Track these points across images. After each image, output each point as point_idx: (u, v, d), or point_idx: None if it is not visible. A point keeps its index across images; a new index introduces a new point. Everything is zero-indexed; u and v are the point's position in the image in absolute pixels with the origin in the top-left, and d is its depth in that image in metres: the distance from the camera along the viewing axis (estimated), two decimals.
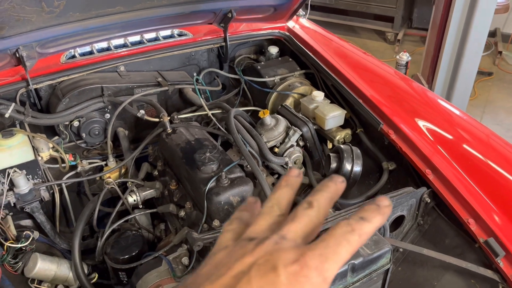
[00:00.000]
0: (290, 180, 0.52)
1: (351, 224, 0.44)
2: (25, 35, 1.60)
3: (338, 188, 0.49)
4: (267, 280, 0.40)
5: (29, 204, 1.61)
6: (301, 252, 0.42)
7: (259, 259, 0.42)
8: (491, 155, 1.56)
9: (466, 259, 1.31)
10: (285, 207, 0.50)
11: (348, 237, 0.43)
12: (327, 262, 0.42)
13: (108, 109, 1.93)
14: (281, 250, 0.42)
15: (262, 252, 0.42)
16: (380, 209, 0.46)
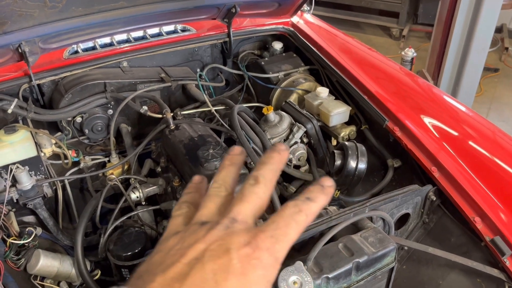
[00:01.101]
0: (233, 158, 0.53)
1: (298, 205, 0.46)
2: (28, 30, 1.59)
3: (282, 157, 0.50)
4: (220, 264, 0.41)
5: (31, 200, 1.61)
6: (253, 234, 0.44)
7: (212, 245, 0.43)
8: (497, 152, 1.54)
9: (472, 258, 1.29)
10: (231, 186, 0.51)
11: (296, 217, 0.45)
12: (278, 243, 0.44)
13: (111, 105, 1.92)
14: (232, 234, 0.43)
15: (214, 237, 0.43)
16: (324, 189, 0.48)
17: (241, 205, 0.47)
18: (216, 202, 0.49)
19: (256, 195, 0.47)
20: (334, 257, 1.10)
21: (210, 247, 0.43)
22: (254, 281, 0.42)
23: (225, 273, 0.41)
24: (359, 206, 1.28)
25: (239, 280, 0.41)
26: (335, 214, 1.25)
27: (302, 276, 1.02)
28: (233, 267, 0.41)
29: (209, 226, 0.45)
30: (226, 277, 0.41)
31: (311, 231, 1.19)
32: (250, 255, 0.42)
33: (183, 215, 0.50)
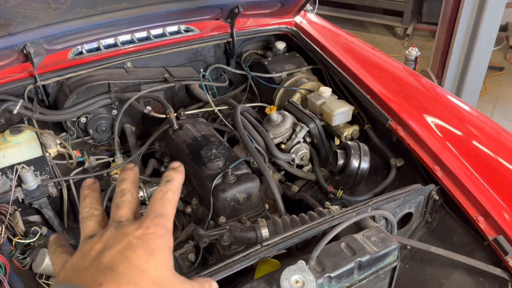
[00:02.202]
0: (90, 187, 0.61)
1: (163, 189, 0.57)
2: (32, 31, 1.60)
3: (134, 171, 0.61)
4: (123, 245, 0.49)
5: (37, 200, 1.62)
6: (139, 222, 0.53)
7: (109, 240, 0.50)
8: (502, 151, 1.54)
9: (475, 257, 1.29)
10: (100, 206, 0.60)
11: (166, 196, 0.56)
12: (163, 218, 0.53)
13: (115, 106, 1.94)
14: (123, 228, 0.52)
15: (108, 236, 0.51)
16: (177, 170, 0.60)
17: (119, 211, 0.55)
18: (94, 220, 0.57)
19: (127, 201, 0.57)
20: (336, 256, 1.10)
21: (109, 241, 0.50)
22: (156, 248, 0.50)
23: (130, 249, 0.49)
24: (362, 206, 1.28)
25: (144, 250, 0.49)
26: (338, 213, 1.26)
27: (304, 275, 1.03)
28: (135, 243, 0.49)
29: (100, 234, 0.52)
30: (133, 251, 0.49)
31: (313, 230, 1.20)
32: (145, 232, 0.51)
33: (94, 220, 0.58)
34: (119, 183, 0.60)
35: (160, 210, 0.54)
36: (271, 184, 1.51)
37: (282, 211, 1.47)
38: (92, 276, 0.47)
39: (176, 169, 0.60)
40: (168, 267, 0.51)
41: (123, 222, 0.53)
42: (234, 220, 1.42)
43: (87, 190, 0.61)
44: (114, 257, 0.48)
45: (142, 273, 0.48)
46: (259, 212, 1.49)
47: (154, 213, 0.54)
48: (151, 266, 0.49)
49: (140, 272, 0.48)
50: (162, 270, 0.50)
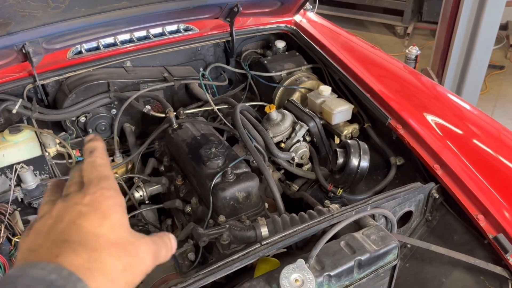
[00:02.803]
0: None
1: (90, 159, 0.56)
2: (31, 31, 1.60)
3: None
4: (74, 214, 0.49)
5: (36, 199, 1.62)
6: (84, 190, 0.52)
7: (58, 214, 0.50)
8: (502, 150, 1.54)
9: (475, 256, 1.28)
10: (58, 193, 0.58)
11: (98, 163, 0.55)
12: (105, 180, 0.53)
13: (115, 105, 1.93)
14: (70, 199, 0.51)
15: (57, 210, 0.51)
16: (93, 139, 0.59)
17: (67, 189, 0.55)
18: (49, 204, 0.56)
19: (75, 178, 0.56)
20: (336, 255, 1.10)
21: (59, 214, 0.50)
22: (108, 210, 0.50)
23: (81, 216, 0.48)
24: (361, 204, 1.28)
25: (96, 215, 0.49)
26: (337, 212, 1.25)
27: (304, 273, 1.03)
28: (85, 210, 0.49)
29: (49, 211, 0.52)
30: (85, 218, 0.48)
31: (313, 229, 1.19)
32: (92, 197, 0.50)
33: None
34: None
35: (99, 174, 0.54)
36: (270, 183, 1.51)
37: (281, 210, 1.47)
38: (48, 250, 0.46)
39: (91, 140, 0.59)
40: (123, 225, 0.51)
41: (70, 195, 0.53)
42: (233, 219, 1.42)
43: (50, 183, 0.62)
44: (67, 226, 0.48)
45: (98, 237, 0.47)
46: (259, 211, 1.48)
47: (95, 179, 0.53)
48: (106, 229, 0.48)
49: (96, 236, 0.47)
50: (118, 231, 0.49)
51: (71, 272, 0.43)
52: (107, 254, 0.47)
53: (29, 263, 0.44)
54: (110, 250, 0.47)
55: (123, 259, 0.48)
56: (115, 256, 0.47)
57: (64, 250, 0.45)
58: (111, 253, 0.47)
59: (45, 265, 0.43)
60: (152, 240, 0.54)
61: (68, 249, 0.45)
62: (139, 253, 0.51)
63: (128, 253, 0.49)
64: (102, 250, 0.47)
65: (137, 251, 0.50)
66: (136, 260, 0.50)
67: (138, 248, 0.51)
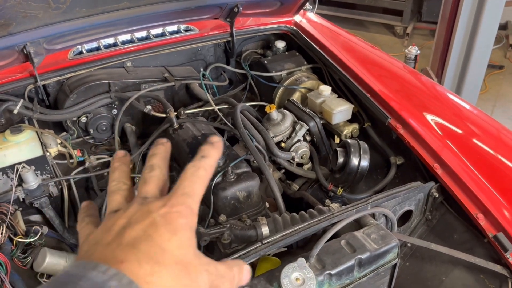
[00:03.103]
0: (121, 160, 0.60)
1: (196, 164, 0.54)
2: (32, 31, 1.60)
3: (166, 147, 0.59)
4: (147, 223, 0.48)
5: (37, 199, 1.62)
6: (166, 199, 0.51)
7: (133, 216, 0.49)
8: (502, 149, 1.54)
9: (475, 254, 1.29)
10: (128, 180, 0.58)
11: (197, 173, 0.53)
12: (189, 197, 0.51)
13: (115, 105, 1.94)
14: (148, 204, 0.50)
15: (132, 212, 0.50)
16: (214, 145, 0.57)
17: (145, 186, 0.54)
18: (121, 194, 0.56)
19: (155, 177, 0.55)
20: (337, 254, 1.11)
21: (133, 217, 0.49)
22: (179, 228, 0.49)
23: (153, 227, 0.47)
24: (362, 203, 1.28)
25: (167, 229, 0.48)
26: (338, 211, 1.26)
27: (305, 272, 1.03)
28: (158, 221, 0.48)
29: (124, 209, 0.51)
30: (156, 229, 0.47)
31: (313, 228, 1.20)
32: (169, 210, 0.49)
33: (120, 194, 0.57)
34: (150, 158, 0.58)
35: (188, 188, 0.52)
36: (271, 182, 1.51)
37: (282, 209, 1.48)
38: (113, 252, 0.46)
39: (214, 145, 0.57)
40: (191, 247, 0.50)
41: (148, 199, 0.52)
42: (234, 218, 1.43)
43: (117, 162, 0.59)
44: (137, 234, 0.47)
45: (164, 251, 0.46)
46: (259, 210, 1.49)
47: (181, 190, 0.52)
48: (173, 245, 0.47)
49: (162, 250, 0.46)
50: (184, 250, 0.48)
51: (131, 280, 0.43)
52: (168, 271, 0.46)
53: (91, 264, 0.43)
54: (172, 268, 0.46)
55: (182, 281, 0.47)
56: (175, 275, 0.46)
57: (129, 257, 0.45)
58: (172, 271, 0.46)
59: (107, 269, 0.43)
60: (217, 268, 0.52)
61: (133, 256, 0.45)
62: (199, 279, 0.49)
63: (189, 276, 0.47)
64: (165, 266, 0.46)
65: (197, 276, 0.48)
66: (193, 285, 0.48)
67: (198, 274, 0.49)
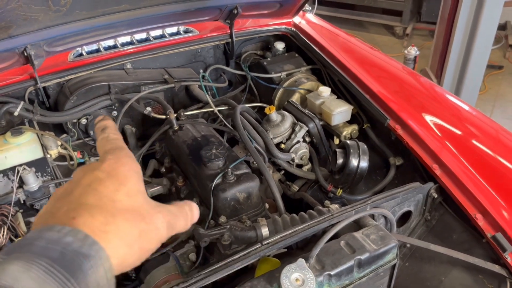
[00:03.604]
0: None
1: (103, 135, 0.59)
2: (33, 34, 1.61)
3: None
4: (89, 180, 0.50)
5: (38, 201, 1.63)
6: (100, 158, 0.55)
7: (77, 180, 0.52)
8: (500, 150, 1.55)
9: (473, 255, 1.30)
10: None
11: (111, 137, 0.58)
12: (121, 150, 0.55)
13: (115, 107, 1.94)
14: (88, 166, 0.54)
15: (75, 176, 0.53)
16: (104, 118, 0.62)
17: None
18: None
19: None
20: (336, 254, 1.11)
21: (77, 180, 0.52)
22: (124, 176, 0.51)
23: (97, 181, 0.50)
24: (361, 204, 1.29)
25: (112, 180, 0.50)
26: (337, 212, 1.26)
27: (304, 273, 1.04)
28: (101, 176, 0.50)
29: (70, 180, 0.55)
30: (101, 182, 0.50)
31: (313, 228, 1.20)
32: (109, 164, 0.52)
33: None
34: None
35: (113, 145, 0.56)
36: (271, 183, 1.52)
37: (282, 210, 1.48)
38: (65, 213, 0.46)
39: (104, 118, 0.62)
40: (139, 192, 0.51)
41: (88, 163, 0.56)
42: (234, 219, 1.43)
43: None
44: (83, 191, 0.49)
45: (114, 201, 0.48)
46: (259, 211, 1.49)
47: (110, 150, 0.55)
48: (122, 195, 0.49)
49: (112, 201, 0.48)
50: (134, 197, 0.50)
51: (87, 234, 0.44)
52: (122, 218, 0.47)
53: (46, 226, 0.44)
54: (126, 215, 0.47)
55: (139, 225, 0.48)
56: (130, 221, 0.47)
57: (80, 213, 0.46)
58: (127, 218, 0.47)
59: (61, 228, 0.43)
60: (169, 209, 0.54)
61: (85, 211, 0.46)
62: (154, 221, 0.51)
63: (144, 219, 0.49)
64: (118, 214, 0.47)
65: (152, 218, 0.50)
66: (151, 227, 0.50)
67: (153, 216, 0.51)
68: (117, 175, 0.51)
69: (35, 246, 0.41)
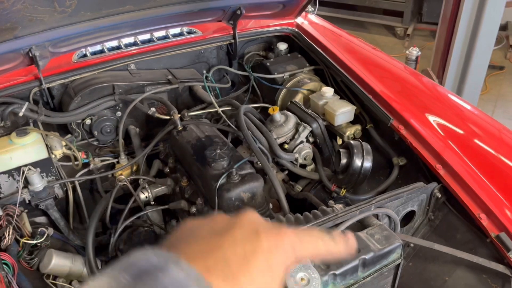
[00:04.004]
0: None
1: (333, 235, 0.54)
2: (38, 35, 1.62)
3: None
4: (249, 247, 0.47)
5: (43, 201, 1.64)
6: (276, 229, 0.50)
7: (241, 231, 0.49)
8: (503, 149, 1.55)
9: (477, 254, 1.30)
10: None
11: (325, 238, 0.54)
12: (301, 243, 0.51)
13: (120, 107, 1.95)
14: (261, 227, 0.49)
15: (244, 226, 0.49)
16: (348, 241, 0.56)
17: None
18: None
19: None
20: None
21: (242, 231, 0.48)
22: (275, 264, 0.47)
23: (254, 254, 0.46)
24: (365, 204, 1.29)
25: (267, 258, 0.46)
26: (341, 211, 1.27)
27: (310, 272, 1.04)
28: (262, 250, 0.47)
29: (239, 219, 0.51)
30: (255, 256, 0.46)
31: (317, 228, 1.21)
32: (276, 243, 0.48)
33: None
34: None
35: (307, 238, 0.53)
36: (275, 183, 1.52)
37: (286, 210, 1.49)
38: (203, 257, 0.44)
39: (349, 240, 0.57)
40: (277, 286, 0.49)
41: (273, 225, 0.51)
42: None
43: None
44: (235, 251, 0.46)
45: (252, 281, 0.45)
46: (264, 211, 1.50)
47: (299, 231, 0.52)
48: (263, 280, 0.46)
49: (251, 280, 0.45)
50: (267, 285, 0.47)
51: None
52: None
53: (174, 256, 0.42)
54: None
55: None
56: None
57: (218, 268, 0.44)
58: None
59: (189, 268, 0.41)
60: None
61: (221, 272, 0.44)
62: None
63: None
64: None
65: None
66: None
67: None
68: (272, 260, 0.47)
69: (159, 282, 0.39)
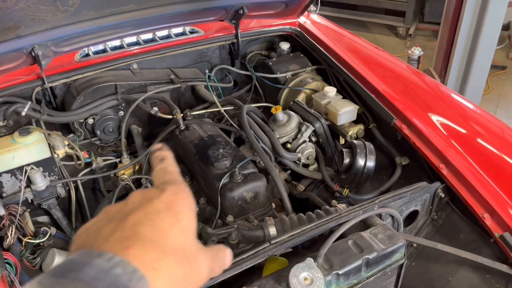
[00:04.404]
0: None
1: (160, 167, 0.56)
2: (40, 34, 1.62)
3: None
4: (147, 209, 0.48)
5: (46, 200, 1.64)
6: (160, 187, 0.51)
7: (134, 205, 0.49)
8: (506, 148, 1.55)
9: (481, 254, 1.30)
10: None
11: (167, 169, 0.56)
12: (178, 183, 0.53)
13: (122, 107, 1.95)
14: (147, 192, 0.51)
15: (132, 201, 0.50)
16: (162, 149, 0.59)
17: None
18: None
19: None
20: (344, 254, 1.12)
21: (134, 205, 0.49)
22: (181, 211, 0.49)
23: (155, 212, 0.48)
24: (368, 204, 1.29)
25: (169, 214, 0.48)
26: (345, 211, 1.27)
27: (313, 272, 1.04)
28: (159, 207, 0.48)
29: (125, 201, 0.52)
30: (158, 214, 0.48)
31: (321, 228, 1.21)
32: (168, 196, 0.50)
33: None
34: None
35: (172, 177, 0.54)
36: (278, 183, 1.52)
37: (289, 210, 1.49)
38: (119, 240, 0.45)
39: (162, 148, 0.60)
40: (191, 232, 0.49)
41: (146, 189, 0.53)
42: (241, 219, 1.44)
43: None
44: (139, 219, 0.47)
45: (168, 238, 0.46)
46: (266, 210, 1.50)
47: (169, 181, 0.53)
48: (176, 231, 0.47)
49: (166, 237, 0.46)
50: (185, 236, 0.48)
51: (136, 268, 0.42)
52: (172, 258, 0.45)
53: (95, 252, 0.42)
54: (176, 254, 0.46)
55: (185, 267, 0.46)
56: (179, 262, 0.46)
57: (134, 244, 0.44)
58: (176, 257, 0.46)
59: (112, 257, 0.42)
60: (210, 253, 0.52)
61: (138, 243, 0.44)
62: (199, 264, 0.49)
63: (190, 261, 0.47)
64: (169, 252, 0.45)
65: (197, 261, 0.49)
66: (195, 271, 0.48)
67: (198, 259, 0.49)
68: (174, 210, 0.49)
69: (84, 274, 0.40)
